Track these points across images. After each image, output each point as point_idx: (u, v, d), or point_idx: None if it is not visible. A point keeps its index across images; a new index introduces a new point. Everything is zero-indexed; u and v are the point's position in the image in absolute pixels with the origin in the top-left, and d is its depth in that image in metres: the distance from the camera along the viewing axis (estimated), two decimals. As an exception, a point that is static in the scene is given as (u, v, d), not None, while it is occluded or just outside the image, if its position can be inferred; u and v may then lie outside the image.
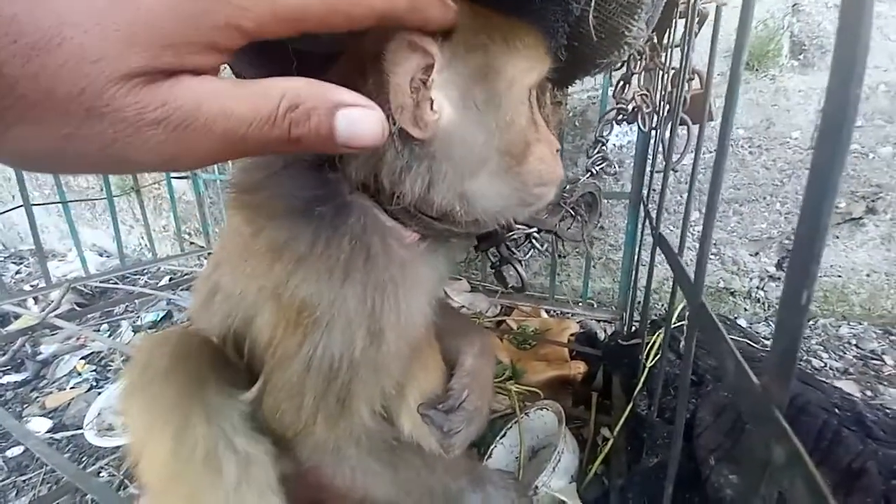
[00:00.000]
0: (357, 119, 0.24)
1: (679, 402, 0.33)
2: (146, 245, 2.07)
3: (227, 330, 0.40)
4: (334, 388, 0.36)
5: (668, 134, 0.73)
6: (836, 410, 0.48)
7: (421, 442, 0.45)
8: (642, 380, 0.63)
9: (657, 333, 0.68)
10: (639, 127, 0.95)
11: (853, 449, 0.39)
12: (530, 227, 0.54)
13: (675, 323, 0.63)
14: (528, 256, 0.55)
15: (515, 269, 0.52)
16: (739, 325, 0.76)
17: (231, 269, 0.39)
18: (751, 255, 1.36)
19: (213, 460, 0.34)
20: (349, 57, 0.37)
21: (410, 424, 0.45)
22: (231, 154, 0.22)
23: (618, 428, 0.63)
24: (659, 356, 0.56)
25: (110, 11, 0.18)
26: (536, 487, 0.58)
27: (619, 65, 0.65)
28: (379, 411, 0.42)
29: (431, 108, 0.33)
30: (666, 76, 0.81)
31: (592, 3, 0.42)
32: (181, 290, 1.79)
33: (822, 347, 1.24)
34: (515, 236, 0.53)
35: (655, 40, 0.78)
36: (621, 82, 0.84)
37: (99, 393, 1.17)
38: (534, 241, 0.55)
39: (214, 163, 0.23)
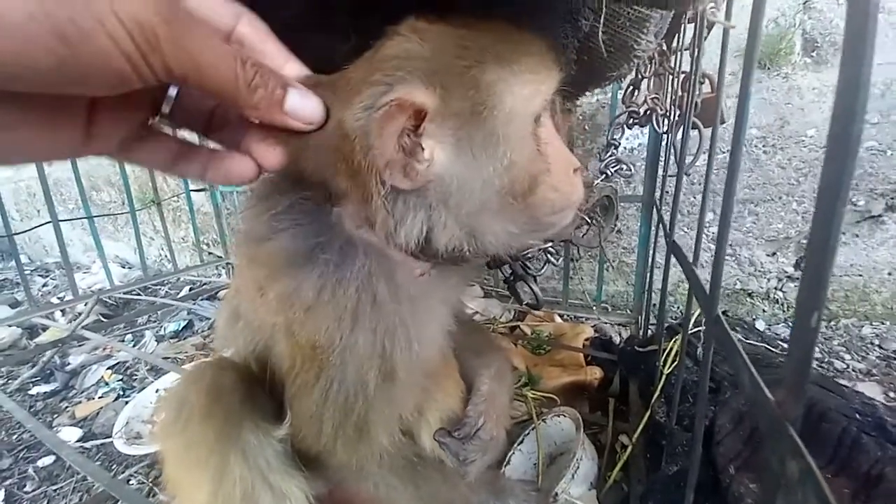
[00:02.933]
0: (303, 97, 0.29)
1: (697, 414, 0.34)
2: (166, 256, 2.13)
3: (250, 353, 0.41)
4: (351, 417, 0.37)
5: (679, 139, 0.73)
6: (857, 416, 0.48)
7: (442, 458, 0.45)
8: (660, 387, 0.63)
9: (674, 340, 0.68)
10: (652, 129, 0.95)
11: (872, 455, 0.39)
12: (545, 241, 0.55)
13: (691, 329, 0.63)
14: (542, 271, 0.55)
15: (529, 286, 0.52)
16: (757, 329, 0.76)
17: (249, 302, 0.40)
18: (768, 255, 1.34)
19: (250, 499, 0.36)
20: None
21: (431, 442, 0.45)
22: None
23: (636, 435, 0.63)
24: (676, 363, 0.57)
25: None
26: (556, 495, 0.58)
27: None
28: (397, 437, 0.42)
29: (422, 155, 0.31)
30: (676, 80, 0.82)
31: (602, 19, 0.43)
32: (201, 299, 1.83)
33: (844, 349, 1.22)
34: (529, 253, 0.53)
35: (664, 46, 0.78)
36: (631, 87, 0.85)
37: (126, 402, 1.20)
38: (548, 255, 0.55)
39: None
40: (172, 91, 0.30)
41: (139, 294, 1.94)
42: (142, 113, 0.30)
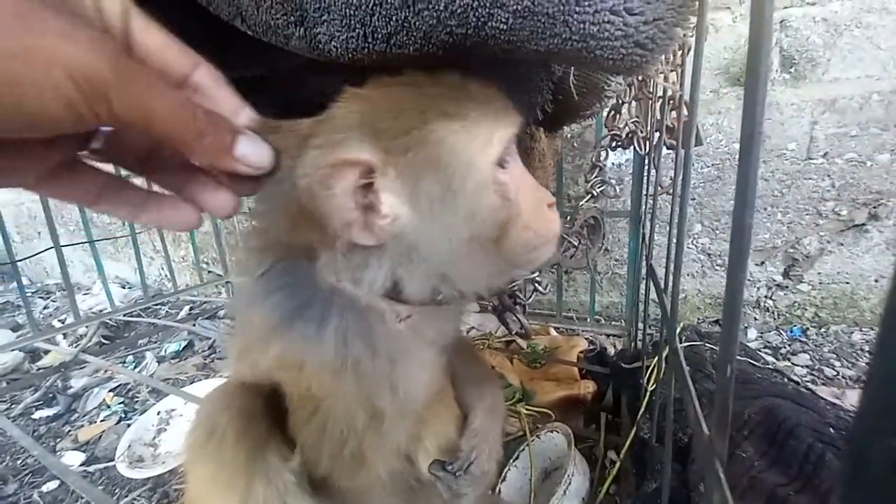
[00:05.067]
0: (253, 143, 0.29)
1: (666, 436, 0.36)
2: (167, 275, 2.15)
3: (260, 381, 0.43)
4: (347, 449, 0.39)
5: (657, 161, 0.76)
6: (831, 430, 0.50)
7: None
8: (644, 404, 0.65)
9: (656, 357, 0.70)
10: (635, 150, 0.99)
11: (835, 472, 0.41)
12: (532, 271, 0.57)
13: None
14: (530, 299, 0.57)
15: (516, 316, 0.54)
16: (741, 343, 0.78)
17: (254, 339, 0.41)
18: (756, 265, 1.37)
19: None
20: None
21: (427, 464, 0.47)
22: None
23: (624, 451, 0.65)
24: (657, 381, 0.59)
25: None
26: (548, 511, 0.60)
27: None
28: (394, 466, 0.44)
29: (382, 210, 0.31)
30: (655, 105, 0.85)
31: (572, 69, 0.46)
32: (202, 319, 1.85)
33: (834, 355, 1.24)
34: (516, 286, 0.55)
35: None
36: (612, 112, 0.88)
37: (128, 425, 1.22)
38: (536, 284, 0.57)
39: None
40: (105, 127, 0.28)
41: (140, 315, 1.96)
42: (67, 146, 0.28)
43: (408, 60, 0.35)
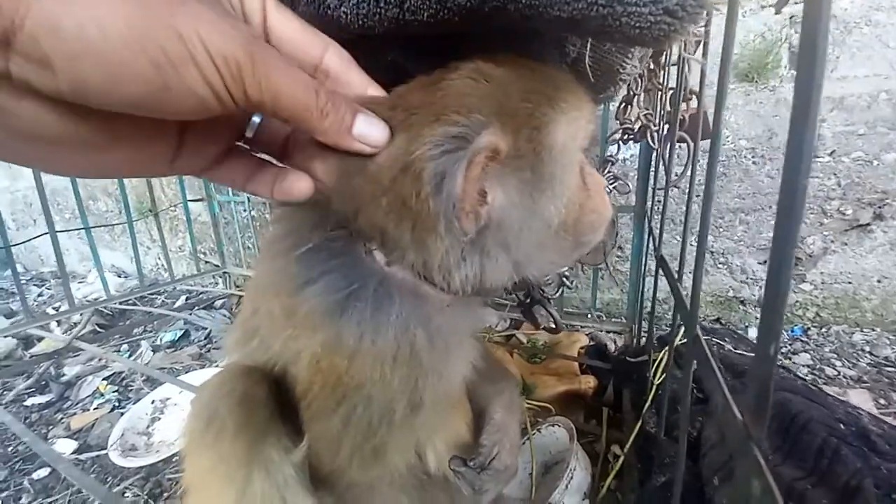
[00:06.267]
0: (370, 123, 0.30)
1: (681, 429, 0.35)
2: (163, 265, 2.13)
3: (264, 368, 0.41)
4: (372, 441, 0.37)
5: (668, 153, 0.75)
6: (841, 426, 0.49)
7: (447, 476, 0.46)
8: (650, 398, 0.64)
9: (664, 351, 0.69)
10: (646, 143, 0.97)
11: (851, 466, 0.40)
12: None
13: (680, 341, 0.65)
14: (557, 294, 0.56)
15: (548, 311, 0.53)
16: (747, 339, 0.77)
17: (271, 324, 0.39)
18: (759, 263, 1.36)
19: None
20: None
21: (437, 463, 0.45)
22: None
23: (628, 445, 0.64)
24: (665, 375, 0.58)
25: None
26: (549, 505, 0.59)
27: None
28: (412, 459, 0.42)
29: (485, 196, 0.30)
30: (665, 96, 0.84)
31: (589, 45, 0.44)
32: (198, 309, 1.83)
33: (835, 355, 1.24)
34: (548, 279, 0.53)
35: (652, 64, 0.80)
36: (623, 104, 0.86)
37: (121, 413, 1.20)
38: (563, 278, 0.56)
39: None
40: (256, 118, 0.32)
41: (136, 304, 1.94)
42: (227, 136, 0.33)
43: (421, 29, 0.33)
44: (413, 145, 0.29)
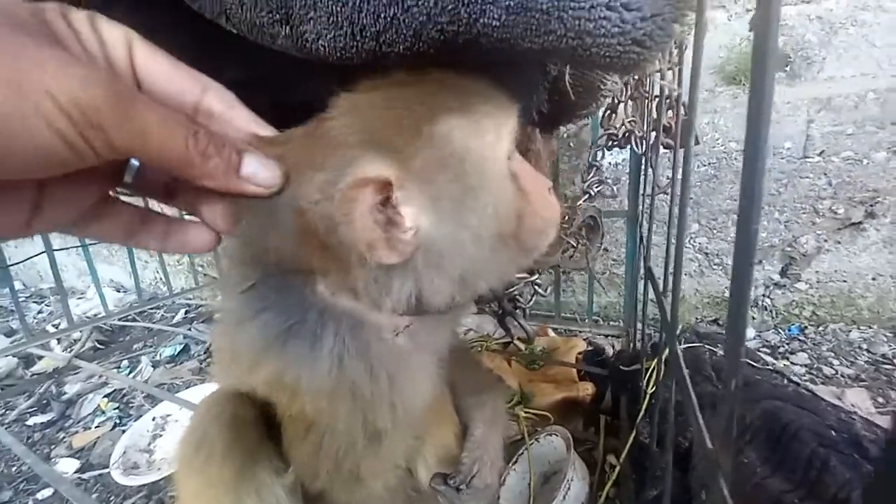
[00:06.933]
0: (261, 162, 0.28)
1: (666, 440, 0.35)
2: (161, 279, 2.13)
3: (250, 392, 0.42)
4: (344, 466, 0.38)
5: (655, 161, 0.75)
6: (832, 433, 0.49)
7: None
8: (643, 407, 0.65)
9: (656, 359, 0.69)
10: (632, 149, 0.98)
11: (841, 478, 0.40)
12: (531, 273, 0.56)
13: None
14: (531, 303, 0.56)
15: (518, 322, 0.53)
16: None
17: (224, 361, 0.40)
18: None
19: None
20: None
21: (427, 476, 0.45)
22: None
23: (623, 455, 0.64)
24: (657, 384, 0.58)
25: None
26: (547, 516, 0.59)
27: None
28: (391, 481, 0.42)
29: (404, 224, 0.29)
30: (651, 104, 0.85)
31: (567, 66, 0.45)
32: (197, 323, 1.84)
33: (832, 354, 1.24)
34: (516, 290, 0.53)
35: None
36: (608, 111, 0.88)
37: (123, 431, 1.20)
38: (536, 287, 0.56)
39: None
40: (134, 161, 0.28)
41: (135, 319, 1.94)
42: (99, 185, 0.29)
43: (399, 60, 0.34)
44: (301, 190, 0.29)
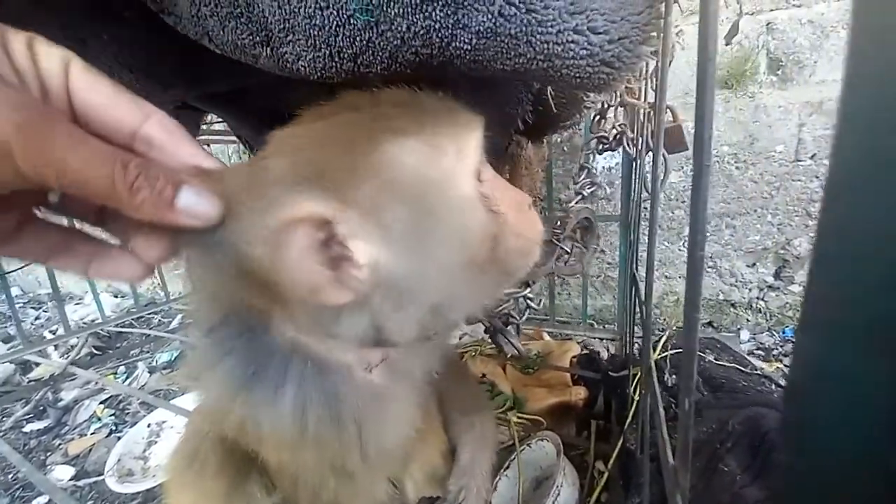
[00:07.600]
0: (198, 194, 0.26)
1: (643, 450, 0.36)
2: (158, 284, 2.14)
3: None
4: (323, 496, 0.38)
5: (644, 166, 0.76)
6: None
7: None
8: (631, 413, 0.65)
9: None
10: (624, 151, 0.98)
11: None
12: (526, 285, 0.55)
13: (660, 355, 0.66)
14: (524, 318, 0.55)
15: (508, 339, 0.52)
16: (730, 349, 0.78)
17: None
18: (748, 266, 1.37)
19: None
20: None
21: (415, 492, 0.45)
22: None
23: (611, 461, 0.65)
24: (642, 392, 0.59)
25: None
26: (536, 523, 0.60)
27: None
28: (378, 501, 0.42)
29: (355, 260, 0.27)
30: (640, 110, 0.85)
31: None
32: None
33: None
34: (505, 307, 0.53)
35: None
36: (597, 116, 0.88)
37: (118, 438, 1.21)
38: (529, 302, 0.56)
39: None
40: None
41: (132, 325, 1.95)
42: (21, 204, 0.27)
43: (378, 78, 0.35)
44: (237, 228, 0.27)
